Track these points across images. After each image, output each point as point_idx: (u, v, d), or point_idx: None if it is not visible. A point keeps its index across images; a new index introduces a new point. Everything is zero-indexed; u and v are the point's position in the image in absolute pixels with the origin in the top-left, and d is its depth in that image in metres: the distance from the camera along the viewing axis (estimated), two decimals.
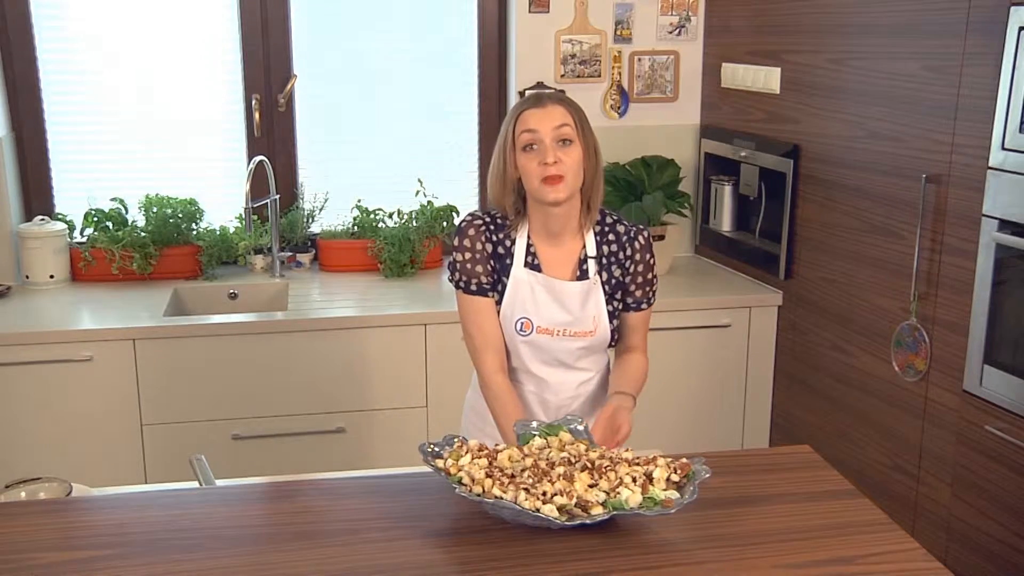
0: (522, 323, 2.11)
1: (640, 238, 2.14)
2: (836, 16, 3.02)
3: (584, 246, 2.13)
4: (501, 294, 2.12)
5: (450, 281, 2.16)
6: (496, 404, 2.11)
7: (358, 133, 3.81)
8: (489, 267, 2.11)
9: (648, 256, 2.15)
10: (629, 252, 2.14)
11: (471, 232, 2.12)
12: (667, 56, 3.79)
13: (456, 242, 2.13)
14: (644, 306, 2.18)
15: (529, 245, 2.12)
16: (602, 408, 2.09)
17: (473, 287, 2.12)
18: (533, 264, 2.12)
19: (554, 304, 2.11)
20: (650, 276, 2.17)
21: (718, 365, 3.46)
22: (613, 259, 2.14)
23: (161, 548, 1.63)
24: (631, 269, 2.14)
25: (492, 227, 2.12)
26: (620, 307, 2.17)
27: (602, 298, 2.13)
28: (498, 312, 2.12)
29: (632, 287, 2.15)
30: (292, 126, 3.76)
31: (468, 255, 2.11)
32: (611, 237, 2.14)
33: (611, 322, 2.14)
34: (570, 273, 2.13)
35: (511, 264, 2.11)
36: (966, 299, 2.56)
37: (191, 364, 3.11)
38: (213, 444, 3.13)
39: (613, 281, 2.14)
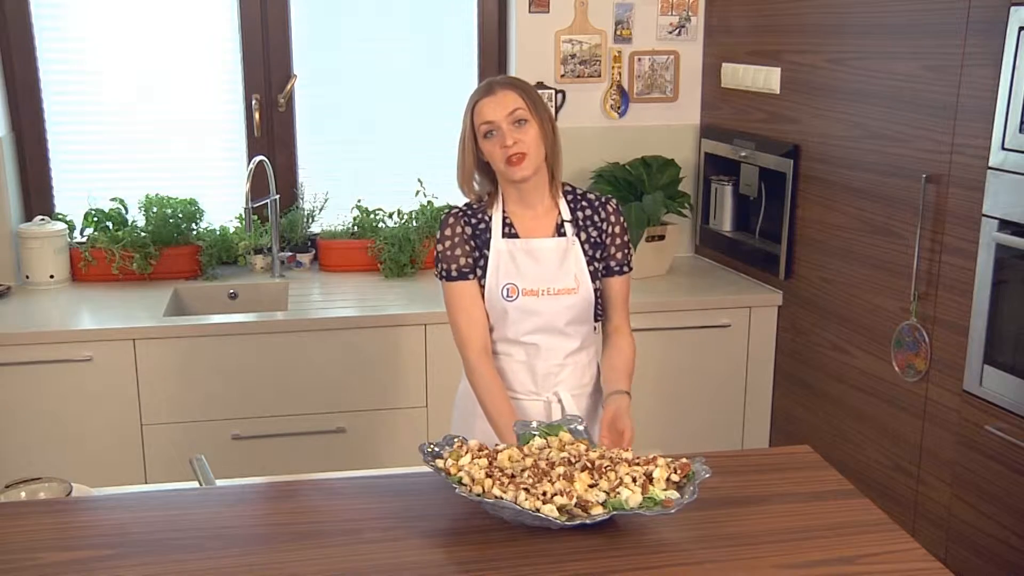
0: (508, 288, 2.19)
1: (611, 204, 2.28)
2: (836, 16, 3.02)
3: (559, 212, 2.24)
4: (484, 270, 2.20)
5: (436, 276, 2.26)
6: (481, 386, 2.18)
7: (358, 133, 3.81)
8: (469, 247, 2.21)
9: (621, 219, 2.27)
10: (603, 215, 2.25)
11: (450, 221, 2.23)
12: (667, 56, 3.79)
13: (438, 235, 2.24)
14: (626, 269, 2.28)
15: (505, 217, 2.23)
16: (603, 410, 2.15)
17: (455, 273, 2.21)
18: (511, 233, 2.22)
19: (534, 264, 2.20)
20: (627, 239, 2.28)
21: (718, 365, 3.46)
22: (589, 222, 2.24)
23: (161, 548, 1.63)
24: (608, 230, 2.25)
25: (469, 213, 2.24)
26: (602, 269, 2.25)
27: (582, 256, 2.21)
28: (483, 289, 2.20)
29: (612, 249, 2.25)
30: (292, 126, 3.76)
31: (448, 242, 2.22)
32: (584, 204, 2.26)
33: (594, 282, 2.22)
34: (548, 234, 2.23)
35: (491, 239, 2.21)
36: (966, 299, 2.56)
37: (191, 364, 3.11)
38: (213, 444, 3.12)
39: (592, 240, 2.23)
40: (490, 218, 2.22)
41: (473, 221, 2.23)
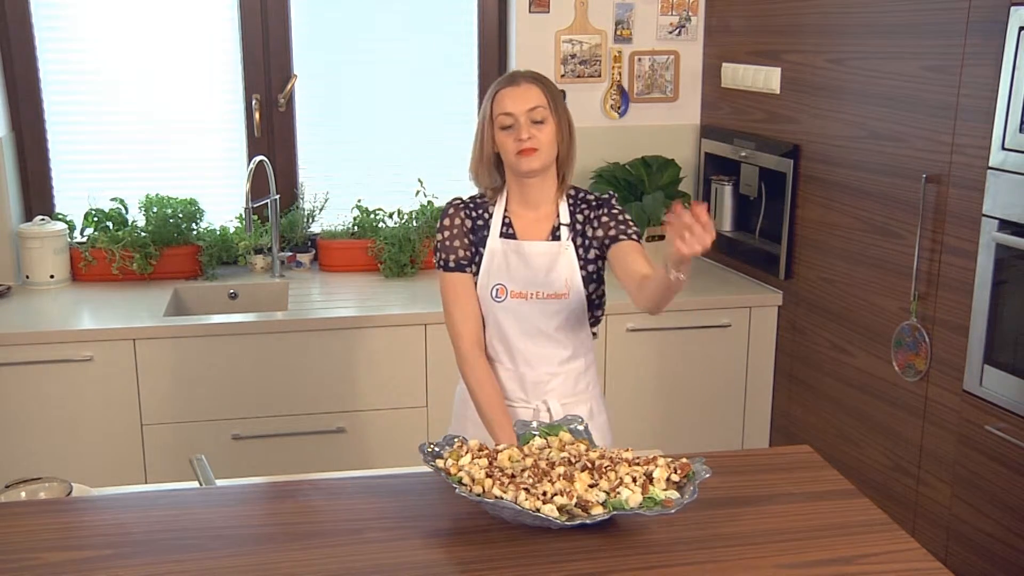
0: (497, 289, 2.19)
1: (606, 195, 2.24)
2: (836, 16, 3.02)
3: (558, 214, 2.22)
4: (480, 266, 2.20)
5: (434, 265, 2.27)
6: (472, 378, 2.19)
7: (358, 133, 3.81)
8: (467, 241, 2.22)
9: (613, 208, 2.20)
10: (599, 211, 2.22)
11: (451, 211, 2.24)
12: (667, 56, 3.79)
13: (439, 224, 2.25)
14: (623, 237, 2.15)
15: (505, 216, 2.22)
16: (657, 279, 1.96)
17: (451, 264, 2.22)
18: (508, 233, 2.22)
19: (525, 267, 2.19)
20: (621, 218, 2.18)
21: (718, 365, 3.46)
22: (587, 222, 2.22)
23: (161, 548, 1.63)
24: (601, 220, 2.19)
25: (471, 206, 2.25)
26: (597, 272, 2.21)
27: (575, 261, 2.19)
28: (475, 285, 2.21)
29: (609, 228, 2.17)
30: (292, 126, 3.76)
31: (447, 233, 2.23)
32: (583, 206, 2.24)
33: (587, 287, 2.20)
34: (543, 238, 2.22)
35: (488, 236, 2.21)
36: (966, 299, 2.56)
37: (191, 364, 3.11)
38: (213, 444, 3.13)
39: (587, 242, 2.21)
40: (491, 215, 2.23)
41: (474, 215, 2.23)
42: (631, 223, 2.20)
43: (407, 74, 3.79)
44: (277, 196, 3.62)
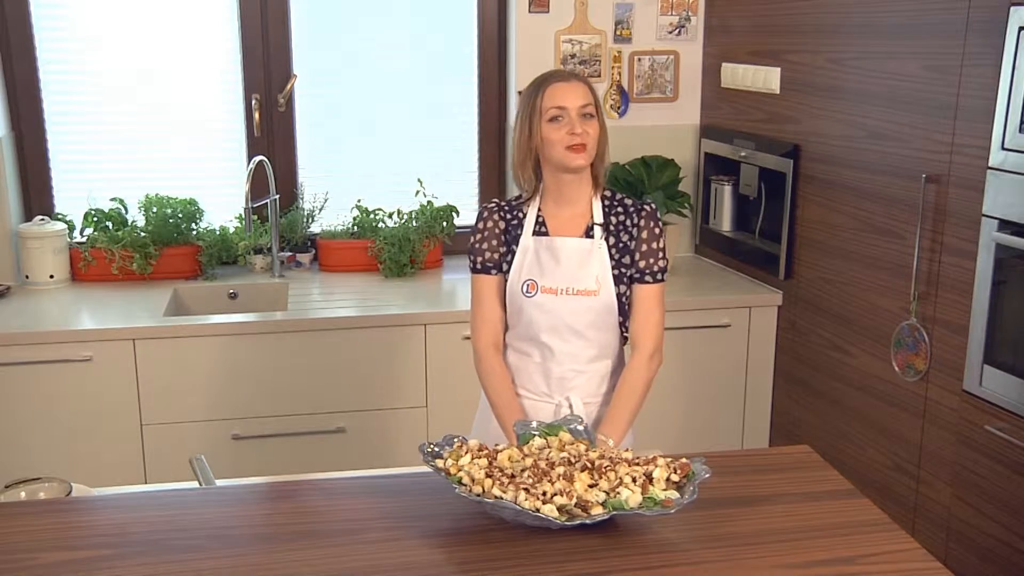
0: (527, 284, 2.21)
1: (647, 207, 2.25)
2: (836, 16, 3.02)
3: (592, 214, 2.23)
4: (511, 265, 2.22)
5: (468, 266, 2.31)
6: (486, 379, 2.24)
7: (358, 133, 3.81)
8: (497, 242, 2.24)
9: (653, 224, 2.23)
10: (636, 220, 2.23)
11: (484, 214, 2.28)
12: (667, 56, 3.79)
13: (473, 226, 2.28)
14: (648, 279, 2.22)
15: (539, 215, 2.24)
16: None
17: (479, 266, 2.26)
18: (540, 231, 2.24)
19: (556, 263, 2.21)
20: (655, 247, 2.22)
21: (718, 365, 3.46)
22: (621, 227, 2.23)
23: (161, 548, 1.63)
24: (636, 235, 2.22)
25: (506, 208, 2.27)
26: (627, 276, 2.22)
27: (607, 259, 2.20)
28: (506, 283, 2.23)
29: (636, 255, 2.22)
30: (292, 126, 3.76)
31: (479, 235, 2.26)
32: (619, 209, 2.25)
33: (617, 287, 2.20)
34: (576, 235, 2.23)
35: (521, 235, 2.24)
36: (966, 299, 2.56)
37: (191, 364, 3.11)
38: (213, 444, 3.13)
39: (620, 245, 2.22)
40: (525, 215, 2.25)
41: (508, 216, 2.26)
42: (662, 255, 2.23)
43: (407, 74, 3.79)
44: (277, 196, 3.62)
